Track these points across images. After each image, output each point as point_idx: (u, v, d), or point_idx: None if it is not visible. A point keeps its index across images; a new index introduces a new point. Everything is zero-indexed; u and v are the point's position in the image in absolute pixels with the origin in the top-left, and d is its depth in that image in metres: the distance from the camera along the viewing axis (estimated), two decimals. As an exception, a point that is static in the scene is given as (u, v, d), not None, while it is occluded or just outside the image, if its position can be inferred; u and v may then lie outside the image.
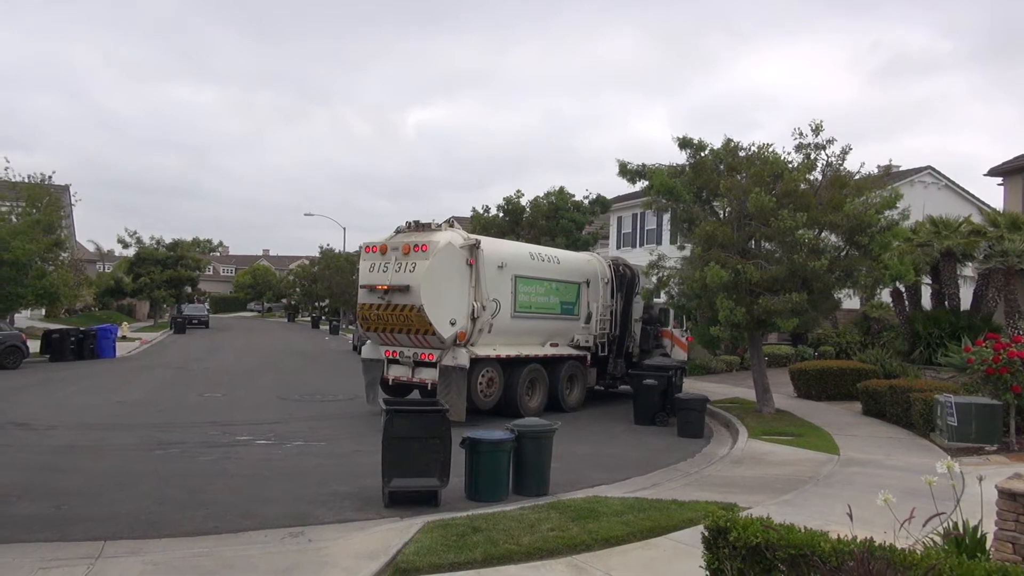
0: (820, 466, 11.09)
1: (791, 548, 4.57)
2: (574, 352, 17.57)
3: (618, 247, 35.50)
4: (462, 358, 14.49)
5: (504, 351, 15.58)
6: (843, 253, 15.42)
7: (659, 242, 30.27)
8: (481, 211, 30.15)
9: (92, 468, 10.46)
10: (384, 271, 14.91)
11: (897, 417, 14.86)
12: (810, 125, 15.50)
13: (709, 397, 15.60)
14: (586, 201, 29.51)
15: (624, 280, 19.19)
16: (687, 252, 17.16)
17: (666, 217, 27.21)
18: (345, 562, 6.66)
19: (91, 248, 64.68)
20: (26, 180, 33.60)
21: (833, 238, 15.56)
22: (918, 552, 4.38)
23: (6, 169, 33.55)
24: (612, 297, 18.91)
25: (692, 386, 19.14)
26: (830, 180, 15.45)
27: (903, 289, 22.86)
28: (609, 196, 30.74)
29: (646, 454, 12.51)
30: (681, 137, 16.69)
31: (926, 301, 23.83)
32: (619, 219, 35.73)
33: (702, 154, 16.62)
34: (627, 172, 17.40)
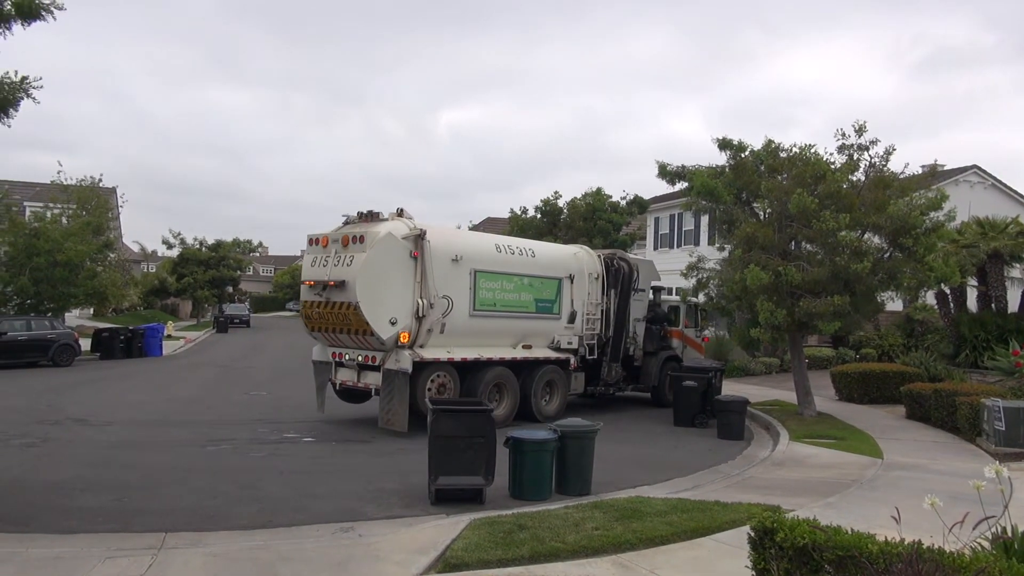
0: (863, 470, 11.03)
1: (838, 549, 4.64)
2: (553, 355, 15.83)
3: (655, 248, 35.42)
4: (404, 361, 13.01)
5: (460, 354, 14.03)
6: (886, 255, 15.27)
7: (697, 243, 30.15)
8: (519, 212, 30.34)
9: (149, 463, 10.84)
10: (324, 265, 13.57)
11: (942, 421, 14.67)
12: (853, 125, 15.41)
13: (749, 399, 15.56)
14: (623, 202, 29.53)
15: (620, 276, 17.40)
16: (726, 253, 17.13)
17: (704, 218, 27.14)
18: (396, 556, 6.87)
19: (136, 249, 66.32)
20: (77, 183, 34.70)
21: (876, 240, 15.41)
22: (967, 555, 4.43)
23: (59, 173, 34.62)
24: (604, 294, 17.18)
25: (731, 388, 19.08)
26: (873, 181, 15.31)
27: (948, 291, 22.49)
28: (644, 195, 30.72)
29: (687, 455, 12.56)
30: (721, 138, 16.67)
31: (972, 303, 23.44)
32: (656, 220, 35.63)
33: (742, 155, 16.57)
34: (667, 173, 17.43)
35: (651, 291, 18.94)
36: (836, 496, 9.29)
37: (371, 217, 13.83)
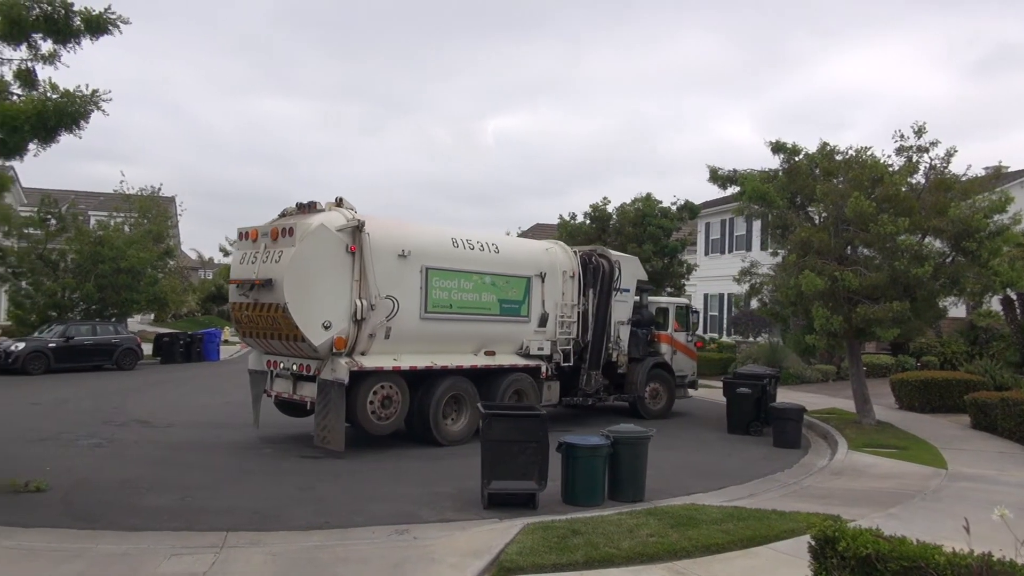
0: (927, 480, 10.72)
1: (903, 560, 4.54)
2: (521, 362, 14.30)
3: (706, 253, 35.03)
4: (340, 371, 11.58)
5: (409, 361, 12.46)
6: (948, 259, 14.83)
7: (749, 248, 29.72)
8: (568, 218, 30.28)
9: (209, 463, 11.14)
10: (252, 262, 12.11)
11: (1010, 431, 14.17)
12: (912, 127, 15.05)
13: (805, 407, 15.25)
14: (674, 207, 29.23)
15: (599, 274, 15.87)
16: (780, 259, 16.85)
17: (756, 223, 26.74)
18: (451, 559, 6.93)
19: (194, 256, 68.16)
20: (138, 193, 35.91)
21: (937, 243, 14.98)
22: (1040, 568, 4.28)
23: (121, 183, 35.83)
24: (581, 294, 15.60)
25: (785, 396, 18.71)
26: (934, 183, 14.89)
27: (1015, 297, 21.69)
28: (694, 200, 30.37)
29: (741, 463, 12.38)
30: (774, 141, 16.43)
31: (1039, 309, 22.55)
32: (707, 225, 35.24)
33: (796, 158, 16.30)
34: (718, 178, 17.26)
35: (636, 291, 17.42)
36: (898, 507, 9.06)
37: (309, 208, 12.32)
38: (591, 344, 15.74)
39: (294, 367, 12.30)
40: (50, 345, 23.75)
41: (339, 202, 12.36)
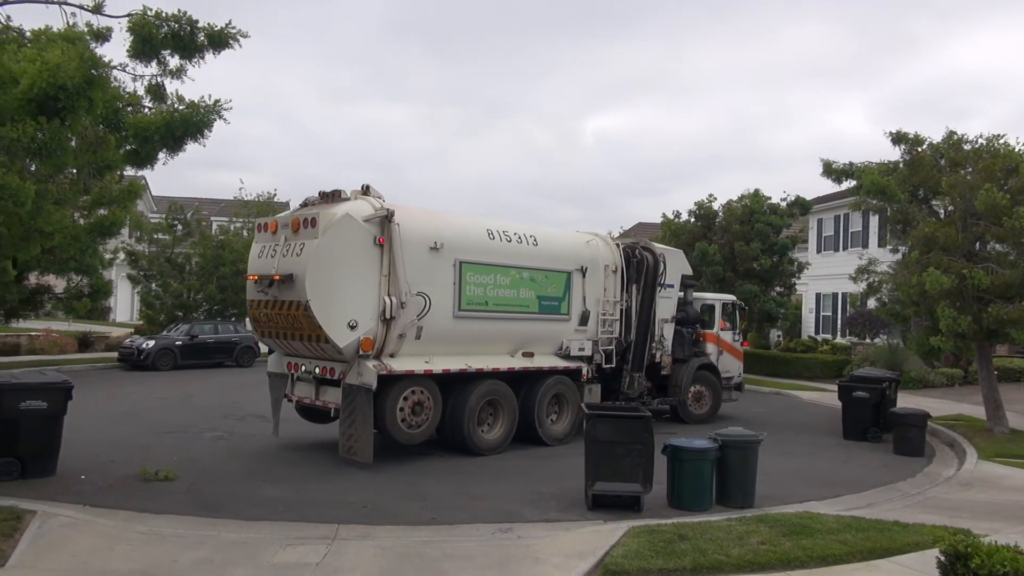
0: (1069, 494, 9.89)
1: (1048, 580, 4.19)
2: (560, 364, 13.29)
3: (818, 251, 33.60)
4: (367, 375, 10.61)
5: (442, 364, 11.52)
6: (1094, 255, 13.63)
7: (865, 245, 28.29)
8: (672, 217, 29.73)
9: (320, 458, 11.57)
10: (272, 256, 11.13)
11: None
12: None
13: (929, 412, 14.36)
14: (784, 203, 28.19)
15: (643, 268, 14.77)
16: (900, 256, 15.97)
17: (874, 218, 25.44)
18: (555, 559, 6.90)
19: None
20: (255, 199, 37.77)
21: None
22: None
23: (240, 190, 37.72)
24: (624, 290, 14.54)
25: (906, 401, 17.69)
26: (1077, 173, 13.74)
27: None
28: (805, 196, 29.15)
29: (859, 471, 11.78)
30: (895, 132, 15.60)
31: None
32: (819, 221, 33.78)
33: (919, 149, 15.43)
34: (832, 171, 16.51)
35: (681, 287, 16.33)
36: (1037, 522, 8.38)
37: (332, 197, 11.40)
38: (634, 344, 14.69)
39: (316, 370, 11.36)
40: (177, 343, 25.32)
41: (365, 190, 11.43)
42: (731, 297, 18.74)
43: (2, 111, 7.11)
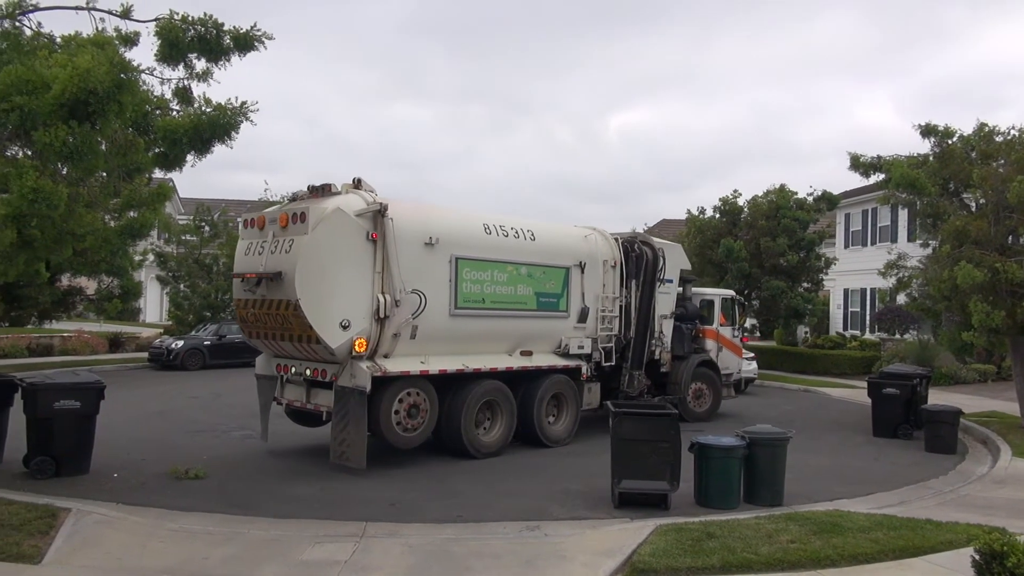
0: (1108, 492, 9.68)
1: (1088, 580, 4.10)
2: (560, 363, 12.96)
3: (846, 246, 33.20)
4: (361, 376, 10.13)
5: (438, 364, 11.11)
6: None
7: (895, 240, 27.90)
8: (696, 213, 29.49)
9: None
10: (259, 253, 10.63)
11: None
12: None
13: (961, 409, 14.12)
14: (810, 198, 27.84)
15: (642, 263, 14.47)
16: (931, 250, 15.72)
17: (903, 213, 25.07)
18: (582, 557, 6.90)
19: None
20: (280, 200, 38.14)
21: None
22: None
23: (265, 191, 38.07)
24: (623, 286, 14.23)
25: (938, 397, 17.40)
26: (1114, 164, 13.43)
27: None
28: (832, 190, 28.77)
29: (890, 469, 11.63)
30: (924, 124, 15.35)
31: None
32: (847, 216, 33.37)
33: (950, 141, 15.17)
34: (860, 165, 16.31)
35: (680, 282, 15.97)
36: (1075, 521, 8.21)
37: (322, 191, 10.79)
38: (633, 341, 14.41)
39: (307, 372, 10.89)
40: (205, 343, 25.62)
41: (357, 183, 10.97)
42: (730, 292, 18.60)
43: (35, 116, 7.22)
